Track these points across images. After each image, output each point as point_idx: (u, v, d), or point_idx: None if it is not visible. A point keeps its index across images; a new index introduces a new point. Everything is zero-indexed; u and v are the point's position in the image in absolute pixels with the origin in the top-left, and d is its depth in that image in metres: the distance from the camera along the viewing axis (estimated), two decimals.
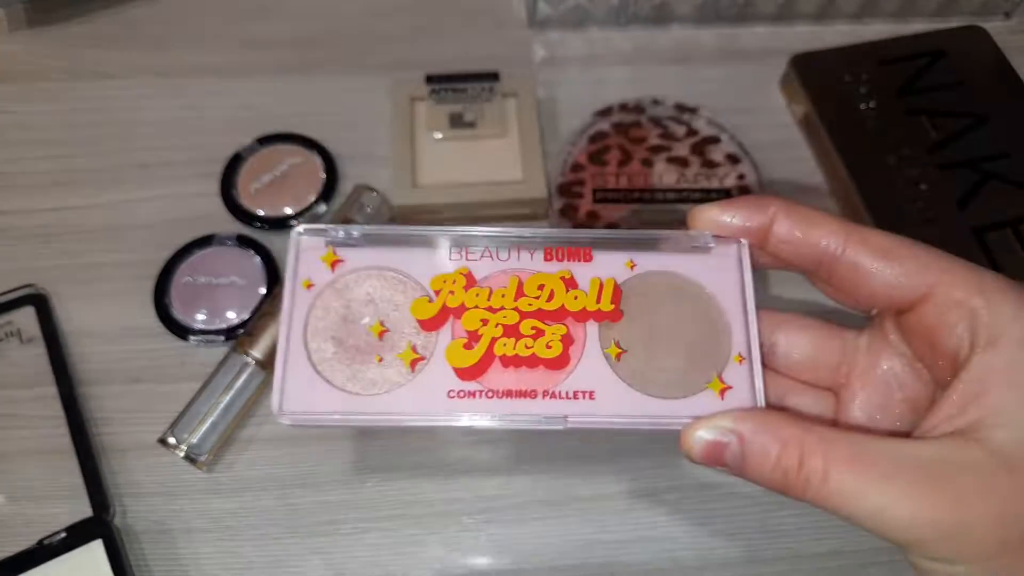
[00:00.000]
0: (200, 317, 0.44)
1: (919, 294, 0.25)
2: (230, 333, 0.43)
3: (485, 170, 0.47)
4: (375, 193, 0.46)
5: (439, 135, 0.48)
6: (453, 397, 0.27)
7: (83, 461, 0.40)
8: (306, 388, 0.27)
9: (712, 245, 0.29)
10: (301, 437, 0.41)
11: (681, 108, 0.49)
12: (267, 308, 0.42)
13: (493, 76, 0.50)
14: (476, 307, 0.28)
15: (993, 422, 0.22)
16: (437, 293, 0.28)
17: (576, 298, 0.28)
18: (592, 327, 0.29)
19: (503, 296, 0.28)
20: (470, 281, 0.29)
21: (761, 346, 0.28)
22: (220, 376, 0.40)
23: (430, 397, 0.27)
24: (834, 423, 0.27)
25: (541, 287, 0.28)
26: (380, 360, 0.28)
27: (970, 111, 0.49)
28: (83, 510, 0.38)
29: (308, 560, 0.39)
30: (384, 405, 0.27)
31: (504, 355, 0.28)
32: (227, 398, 0.40)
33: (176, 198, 0.48)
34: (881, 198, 0.46)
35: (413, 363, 0.28)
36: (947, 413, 0.24)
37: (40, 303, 0.44)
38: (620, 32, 0.56)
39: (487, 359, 0.28)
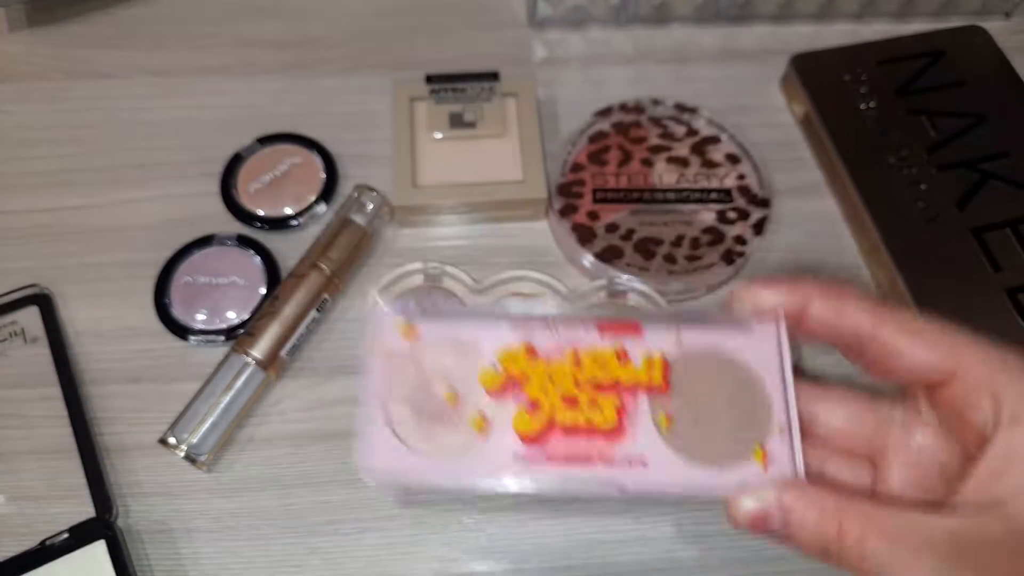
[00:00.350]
0: (200, 317, 0.44)
1: (947, 373, 0.26)
2: (230, 333, 0.43)
3: (485, 170, 0.47)
4: (375, 193, 0.46)
5: (439, 135, 0.48)
6: (519, 460, 0.29)
7: (86, 461, 0.40)
8: (385, 449, 0.30)
9: (754, 325, 0.31)
10: (301, 438, 0.41)
11: (681, 108, 0.49)
12: (267, 308, 0.42)
13: (493, 76, 0.50)
14: (538, 378, 0.30)
15: (1014, 499, 0.24)
16: (502, 364, 0.31)
17: (629, 371, 0.30)
18: (643, 399, 0.30)
19: (562, 368, 0.30)
20: (532, 354, 0.31)
21: (800, 418, 0.29)
22: (220, 376, 0.40)
23: (497, 461, 0.29)
24: (872, 492, 0.28)
25: (597, 360, 0.31)
26: (452, 425, 0.30)
27: (970, 111, 0.49)
28: (86, 511, 0.38)
29: (308, 560, 0.39)
30: (456, 467, 0.30)
31: (564, 423, 0.29)
32: (227, 398, 0.40)
33: (176, 198, 0.48)
34: (881, 198, 0.46)
35: (481, 429, 0.30)
36: (974, 487, 0.25)
37: (44, 303, 0.44)
38: (620, 32, 0.56)
39: (548, 426, 0.30)
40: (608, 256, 0.43)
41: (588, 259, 0.44)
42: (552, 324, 0.32)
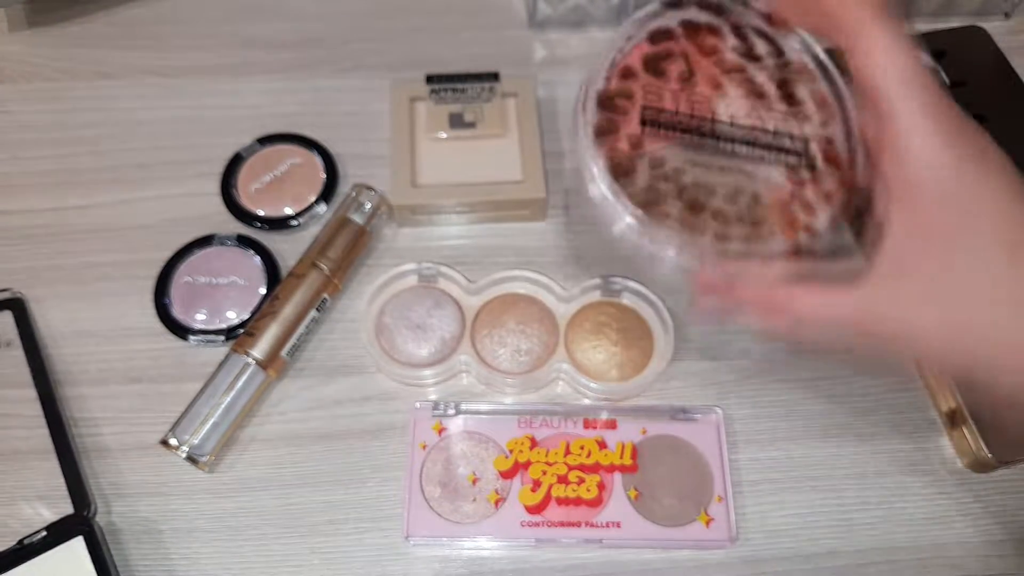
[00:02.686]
0: (200, 317, 0.44)
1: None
2: (230, 333, 0.44)
3: (485, 170, 0.47)
4: (373, 192, 0.46)
5: (439, 135, 0.48)
6: (525, 526, 0.39)
7: (63, 461, 0.40)
8: (423, 518, 0.39)
9: (698, 416, 0.42)
10: (302, 438, 0.42)
11: (771, 20, 0.36)
12: (267, 308, 0.42)
13: (493, 76, 0.50)
14: (538, 462, 0.40)
15: (904, 280, 0.28)
16: (511, 452, 0.40)
17: (606, 456, 0.40)
18: (618, 476, 0.40)
19: (556, 454, 0.40)
20: (533, 443, 0.41)
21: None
22: (221, 376, 0.41)
23: (509, 526, 0.39)
24: None
25: (582, 447, 0.40)
26: (474, 500, 0.39)
27: (970, 111, 0.49)
28: (65, 509, 0.38)
29: (308, 560, 0.39)
30: (477, 531, 0.39)
31: (558, 496, 0.39)
32: (228, 398, 0.40)
33: (176, 198, 0.48)
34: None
35: (496, 502, 0.39)
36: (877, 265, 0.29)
37: (17, 307, 0.44)
38: None
39: (547, 499, 0.39)
40: (650, 201, 0.32)
41: (627, 214, 0.32)
42: (549, 419, 0.41)
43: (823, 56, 0.35)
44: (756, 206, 0.33)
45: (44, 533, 0.38)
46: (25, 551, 0.37)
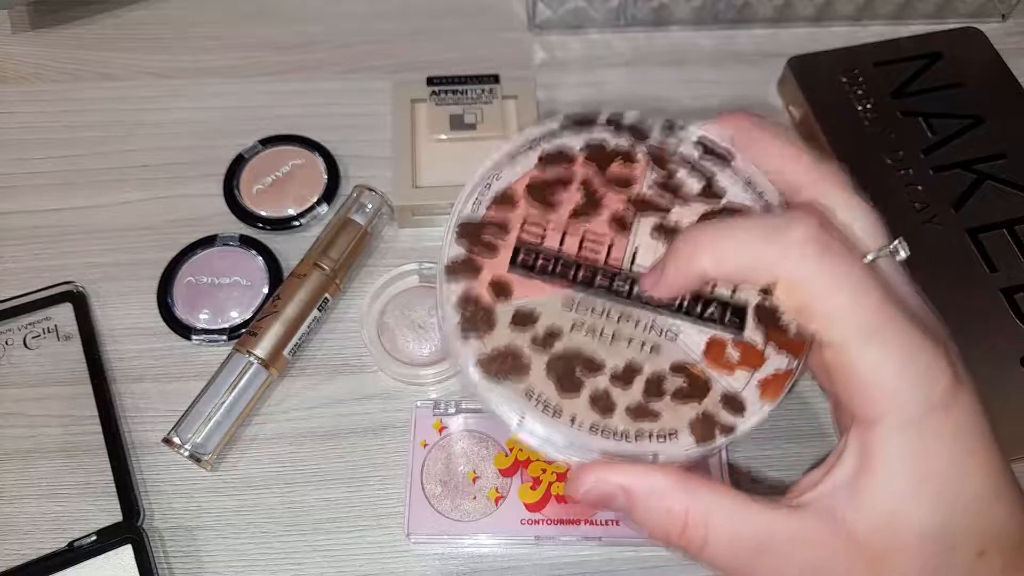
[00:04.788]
0: (203, 317, 0.44)
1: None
2: (233, 333, 0.44)
3: None
4: (375, 193, 0.47)
5: (440, 137, 0.48)
6: (525, 523, 0.39)
7: (115, 462, 0.40)
8: (423, 516, 0.39)
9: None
10: (303, 436, 0.42)
11: (707, 149, 0.28)
12: (269, 308, 0.43)
13: (493, 78, 0.50)
14: (537, 460, 0.40)
15: (860, 508, 0.23)
16: (511, 450, 0.40)
17: None
18: None
19: None
20: None
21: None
22: (223, 375, 0.41)
23: (509, 523, 0.39)
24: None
25: None
26: (474, 498, 0.39)
27: (966, 113, 0.49)
28: (112, 511, 0.39)
29: (310, 557, 0.39)
30: (477, 529, 0.39)
31: (557, 494, 0.39)
32: (231, 397, 0.40)
33: (179, 199, 0.49)
34: (877, 199, 0.46)
35: (496, 500, 0.39)
36: (822, 491, 0.24)
37: (78, 301, 0.44)
38: (619, 34, 0.56)
39: (546, 497, 0.39)
40: (501, 369, 0.25)
41: (469, 365, 0.25)
42: None
43: (775, 201, 0.27)
44: (657, 395, 0.25)
45: (94, 537, 0.38)
46: (74, 554, 0.37)
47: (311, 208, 0.48)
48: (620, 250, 0.27)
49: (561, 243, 0.27)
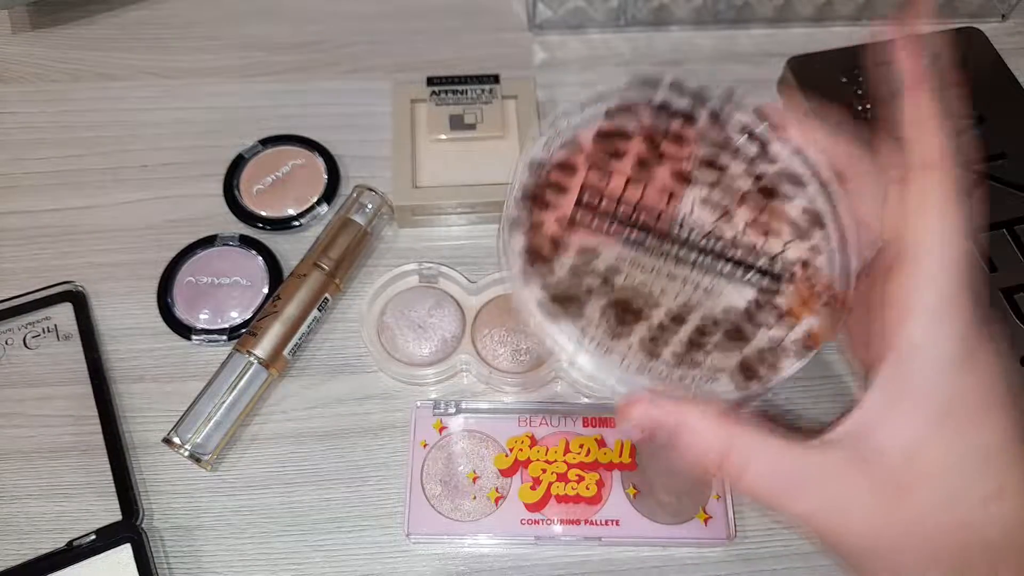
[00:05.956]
0: (203, 317, 0.44)
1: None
2: (233, 333, 0.44)
3: (485, 172, 0.47)
4: (374, 193, 0.47)
5: (439, 137, 0.48)
6: (524, 523, 0.39)
7: (114, 462, 0.40)
8: (423, 515, 0.39)
9: None
10: (303, 436, 0.42)
11: (762, 115, 0.30)
12: (269, 308, 0.43)
13: (493, 78, 0.50)
14: (538, 460, 0.40)
15: (885, 441, 0.25)
16: (511, 450, 0.40)
17: (605, 454, 0.40)
18: (616, 474, 0.40)
19: (556, 452, 0.40)
20: (533, 441, 0.41)
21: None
22: (223, 375, 0.41)
23: (508, 523, 0.39)
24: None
25: (581, 446, 0.40)
26: (474, 497, 0.39)
27: (966, 113, 0.49)
28: (112, 511, 0.39)
29: (310, 557, 0.39)
30: (477, 529, 0.39)
31: (557, 494, 0.39)
32: (231, 397, 0.40)
33: (179, 199, 0.49)
34: None
35: (496, 500, 0.39)
36: (853, 423, 0.25)
37: (78, 300, 0.44)
38: (619, 34, 0.56)
39: (546, 497, 0.39)
40: (563, 304, 0.26)
41: (531, 305, 0.26)
42: (548, 418, 0.41)
43: (824, 172, 0.29)
44: (703, 339, 0.27)
45: (93, 537, 0.38)
46: (73, 553, 0.37)
47: (311, 208, 0.48)
48: (677, 203, 0.28)
49: (623, 190, 0.28)
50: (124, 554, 0.37)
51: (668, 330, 0.27)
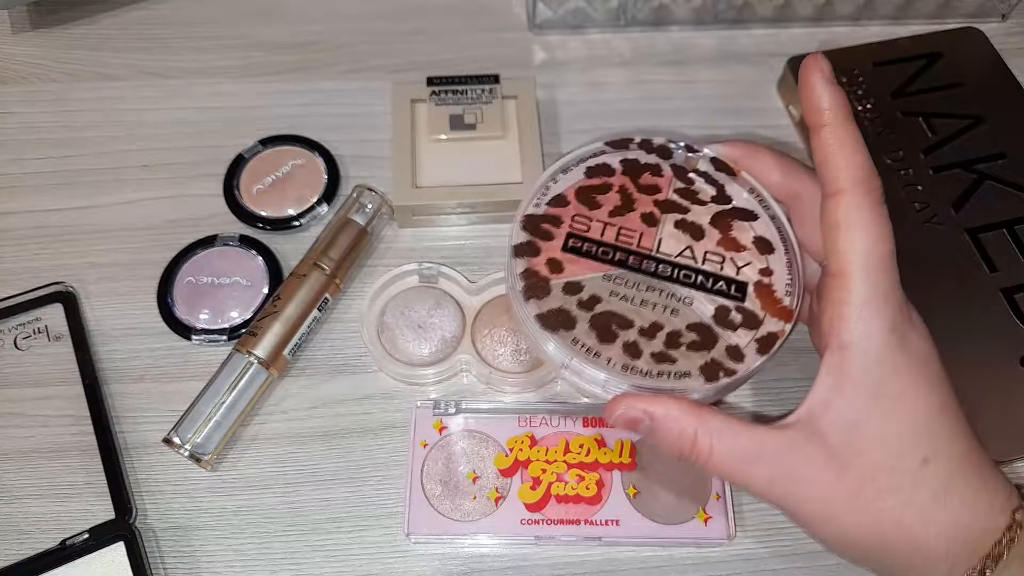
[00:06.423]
0: (203, 317, 0.44)
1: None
2: (233, 333, 0.44)
3: (485, 172, 0.47)
4: (374, 193, 0.47)
5: (440, 137, 0.48)
6: (524, 523, 0.39)
7: (107, 461, 0.40)
8: (423, 516, 0.39)
9: None
10: (303, 436, 0.42)
11: (719, 165, 0.36)
12: (269, 308, 0.43)
13: (493, 78, 0.50)
14: (538, 460, 0.40)
15: (830, 420, 0.29)
16: (511, 450, 0.40)
17: (605, 454, 0.40)
18: (616, 474, 0.40)
19: (556, 452, 0.40)
20: (533, 441, 0.41)
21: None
22: (223, 375, 0.41)
23: (509, 523, 0.39)
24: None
25: (581, 446, 0.41)
26: (474, 498, 0.40)
27: (966, 113, 0.49)
28: (105, 510, 0.39)
29: (310, 557, 0.39)
30: (477, 529, 0.39)
31: (557, 494, 0.39)
32: (230, 397, 0.40)
33: (179, 199, 0.49)
34: None
35: (496, 500, 0.40)
36: (806, 410, 0.29)
37: (69, 301, 0.44)
38: (619, 34, 0.56)
39: (546, 497, 0.40)
40: (554, 322, 0.32)
41: (530, 320, 0.32)
42: (549, 418, 0.41)
43: (773, 203, 0.35)
44: (675, 346, 0.32)
45: (86, 535, 0.38)
46: (67, 552, 0.37)
47: (311, 208, 0.48)
48: (649, 239, 0.34)
49: (602, 233, 0.34)
50: (118, 552, 0.37)
51: (645, 338, 0.32)
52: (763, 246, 0.34)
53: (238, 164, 0.49)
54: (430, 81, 0.50)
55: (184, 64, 0.54)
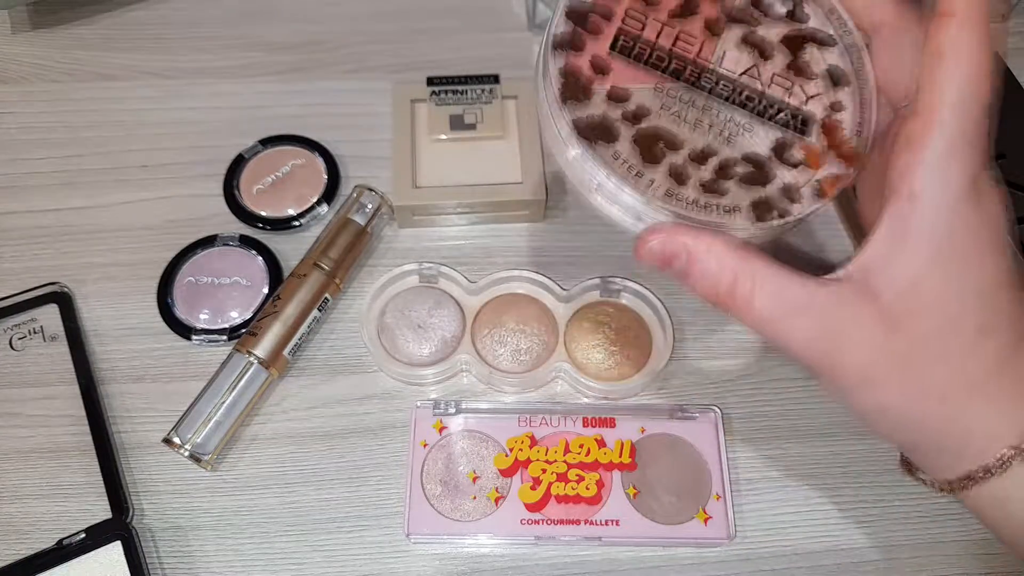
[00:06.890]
0: (203, 317, 0.44)
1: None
2: (233, 333, 0.44)
3: (485, 172, 0.47)
4: (374, 193, 0.47)
5: (440, 137, 0.48)
6: (524, 523, 0.39)
7: (103, 461, 0.40)
8: (423, 516, 0.39)
9: (696, 415, 0.41)
10: (303, 436, 0.42)
11: None
12: (269, 308, 0.43)
13: (493, 78, 0.50)
14: (538, 460, 0.40)
15: (887, 277, 0.26)
16: (511, 450, 0.40)
17: (605, 454, 0.40)
18: (616, 474, 0.40)
19: (556, 452, 0.40)
20: (533, 441, 0.41)
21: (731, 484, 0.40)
22: (223, 375, 0.41)
23: (509, 523, 0.39)
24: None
25: (581, 446, 0.40)
26: (474, 498, 0.40)
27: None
28: (102, 510, 0.39)
29: (310, 557, 0.39)
30: (477, 529, 0.39)
31: (557, 494, 0.39)
32: (231, 397, 0.40)
33: (179, 199, 0.49)
34: None
35: (496, 500, 0.40)
36: (861, 264, 0.27)
37: (64, 301, 0.44)
38: None
39: (546, 497, 0.39)
40: (593, 132, 0.28)
41: (562, 124, 0.28)
42: (548, 418, 0.41)
43: (854, 30, 0.30)
44: (726, 176, 0.28)
45: (83, 535, 0.38)
46: (63, 552, 0.37)
47: (311, 208, 0.48)
48: (709, 50, 0.30)
49: (658, 35, 0.29)
50: (115, 552, 0.37)
51: (694, 164, 0.28)
52: (836, 77, 0.30)
53: (238, 164, 0.49)
54: (430, 81, 0.50)
55: (184, 64, 0.54)
